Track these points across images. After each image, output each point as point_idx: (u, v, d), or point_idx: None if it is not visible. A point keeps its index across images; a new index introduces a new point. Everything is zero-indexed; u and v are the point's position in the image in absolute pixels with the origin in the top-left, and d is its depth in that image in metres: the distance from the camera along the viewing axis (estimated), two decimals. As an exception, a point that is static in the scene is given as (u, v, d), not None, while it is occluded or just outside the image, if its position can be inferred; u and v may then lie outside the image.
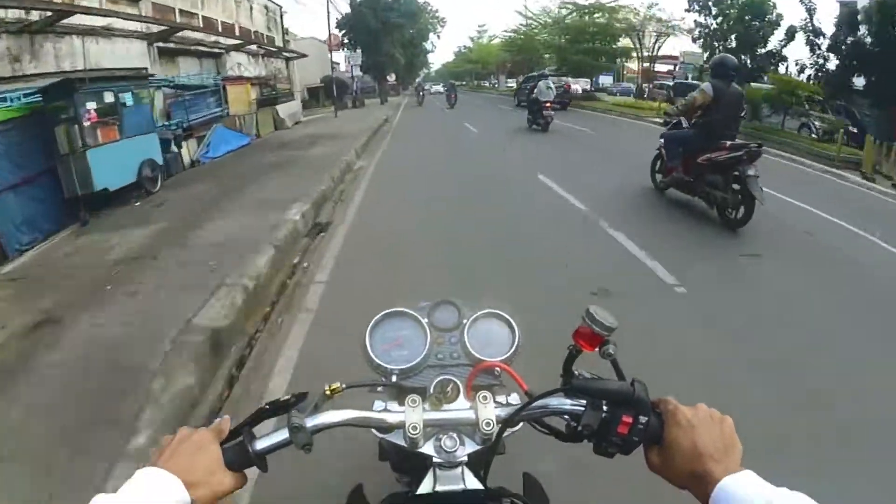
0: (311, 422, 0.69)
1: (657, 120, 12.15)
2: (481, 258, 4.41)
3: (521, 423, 0.78)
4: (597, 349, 0.75)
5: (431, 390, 0.81)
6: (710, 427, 0.64)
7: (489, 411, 0.72)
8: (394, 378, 0.89)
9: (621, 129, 14.69)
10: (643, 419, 0.67)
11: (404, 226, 5.51)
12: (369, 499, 0.89)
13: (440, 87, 50.58)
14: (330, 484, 1.31)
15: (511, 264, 4.29)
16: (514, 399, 0.79)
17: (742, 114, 5.57)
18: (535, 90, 13.50)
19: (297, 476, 1.83)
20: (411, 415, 0.72)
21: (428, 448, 0.75)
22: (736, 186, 4.73)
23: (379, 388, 0.89)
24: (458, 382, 0.82)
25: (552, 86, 13.74)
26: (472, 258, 4.40)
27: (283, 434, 0.69)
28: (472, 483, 0.75)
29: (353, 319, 1.12)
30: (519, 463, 1.02)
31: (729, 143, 4.94)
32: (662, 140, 5.96)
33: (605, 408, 0.69)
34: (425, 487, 0.75)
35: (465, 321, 0.97)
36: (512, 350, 0.92)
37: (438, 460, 0.75)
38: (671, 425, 0.66)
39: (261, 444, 0.69)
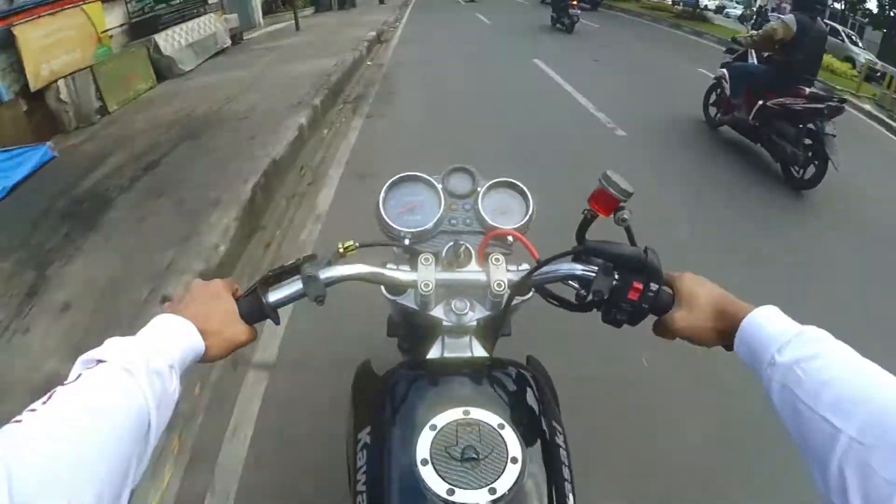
0: (324, 273, 0.70)
1: (717, 45, 10.71)
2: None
3: (531, 292, 0.80)
4: (611, 215, 0.75)
5: (444, 254, 0.81)
6: (712, 283, 0.68)
7: (501, 272, 0.73)
8: (406, 241, 0.89)
9: (669, 44, 12.55)
10: (654, 286, 0.67)
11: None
12: (377, 372, 0.90)
13: None
14: (338, 359, 1.39)
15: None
16: (525, 267, 0.79)
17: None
18: (562, -12, 11.92)
19: (306, 343, 2.11)
20: (424, 273, 0.74)
21: (438, 312, 0.77)
22: (808, 142, 4.10)
23: (393, 251, 0.90)
24: (471, 247, 0.83)
25: (579, -17, 12.11)
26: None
27: (297, 285, 0.69)
28: (479, 352, 0.78)
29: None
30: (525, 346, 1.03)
31: (808, 90, 4.25)
32: (725, 71, 5.12)
33: (616, 274, 0.69)
34: (433, 354, 0.77)
35: (479, 188, 0.97)
36: (525, 219, 0.93)
37: (448, 324, 0.76)
38: (682, 281, 0.69)
39: (274, 296, 0.69)
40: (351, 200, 3.58)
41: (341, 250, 0.78)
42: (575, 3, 11.77)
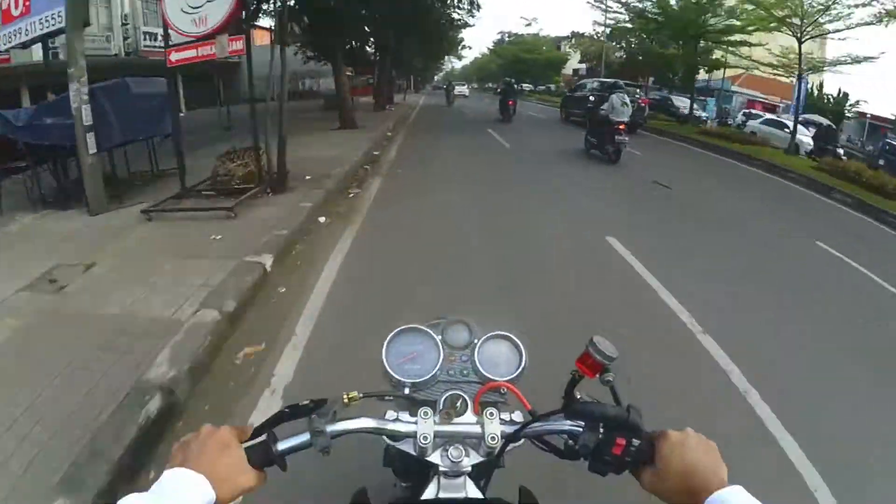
0: (331, 428, 0.75)
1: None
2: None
3: (522, 440, 0.82)
4: (597, 376, 0.78)
5: (442, 404, 0.86)
6: (698, 447, 0.70)
7: (495, 427, 0.79)
8: (406, 390, 0.92)
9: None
10: (636, 442, 0.72)
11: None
12: (372, 502, 0.92)
13: (464, 89, 40.28)
14: (335, 485, 1.33)
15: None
16: (518, 416, 0.85)
17: None
18: (606, 106, 9.54)
19: (303, 476, 1.66)
20: (423, 426, 0.79)
21: (435, 457, 0.81)
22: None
23: (390, 398, 0.93)
24: (467, 398, 0.86)
25: (628, 101, 9.66)
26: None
27: (305, 437, 0.74)
28: (473, 492, 0.81)
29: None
30: (516, 477, 0.98)
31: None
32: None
33: (601, 430, 0.74)
34: (429, 493, 0.81)
35: (476, 341, 1.00)
36: (518, 371, 0.96)
37: (444, 469, 0.80)
38: (663, 445, 0.71)
39: (283, 445, 0.73)
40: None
41: (346, 400, 0.83)
42: (623, 126, 8.98)
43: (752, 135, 15.43)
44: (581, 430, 0.76)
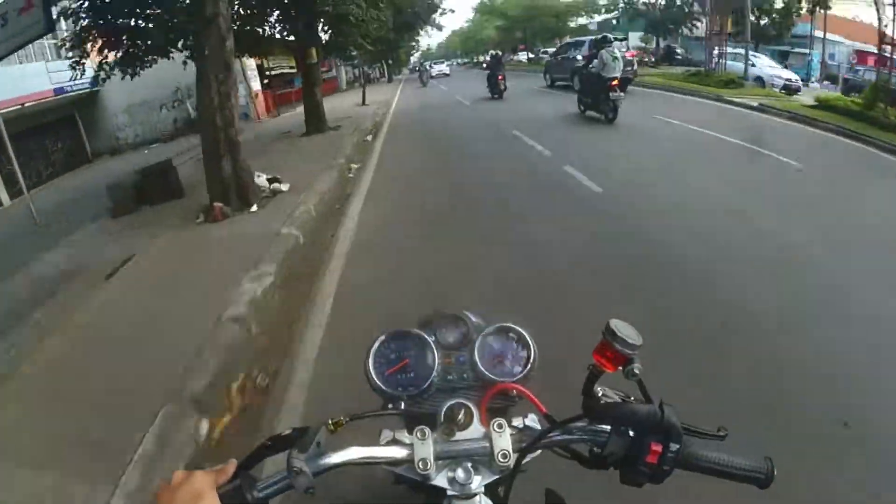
0: (312, 464, 0.65)
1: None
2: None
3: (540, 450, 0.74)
4: (619, 368, 0.67)
5: (442, 418, 0.75)
6: None
7: (505, 441, 0.69)
8: (402, 405, 0.84)
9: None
10: (674, 447, 0.62)
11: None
12: None
13: (444, 68, 37.45)
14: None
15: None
16: (532, 420, 0.75)
17: None
18: (596, 63, 9.31)
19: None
20: (420, 450, 0.69)
21: (441, 480, 0.71)
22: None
23: (382, 417, 0.84)
24: (472, 407, 0.76)
25: (618, 55, 9.38)
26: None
27: (284, 477, 0.65)
28: None
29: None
30: (543, 477, 0.84)
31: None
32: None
33: (631, 433, 0.64)
34: None
35: (474, 336, 0.89)
36: (527, 369, 0.85)
37: (452, 493, 0.71)
38: None
39: (261, 489, 0.65)
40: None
41: (331, 427, 0.73)
42: (616, 81, 8.77)
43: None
44: (607, 435, 0.66)
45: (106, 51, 7.30)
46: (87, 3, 6.68)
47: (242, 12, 10.09)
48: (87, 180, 11.15)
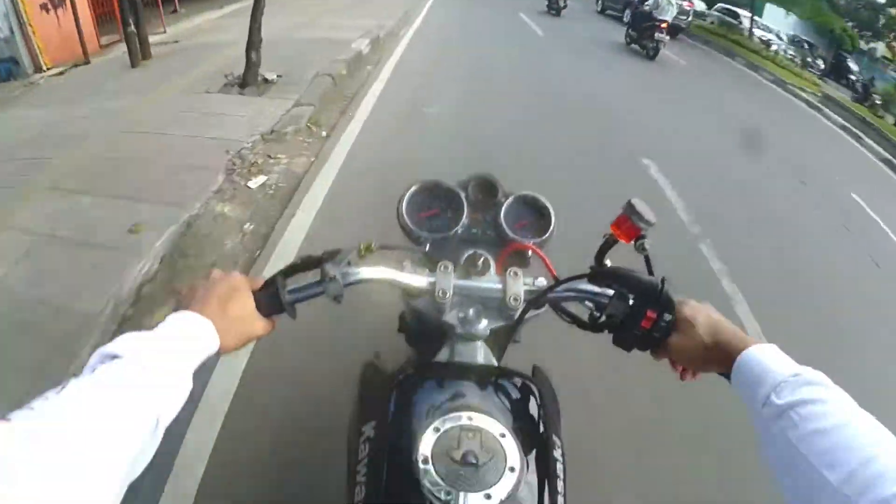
0: (343, 274, 0.69)
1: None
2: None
3: (545, 306, 0.78)
4: (632, 242, 0.73)
5: (462, 262, 0.81)
6: (719, 314, 0.68)
7: (518, 287, 0.74)
8: (427, 247, 0.90)
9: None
10: (667, 317, 0.67)
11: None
12: (385, 367, 0.90)
13: None
14: (347, 347, 1.40)
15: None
16: (542, 282, 0.79)
17: None
18: (651, 2, 10.26)
19: (315, 339, 1.85)
20: (442, 280, 0.74)
21: (451, 317, 0.77)
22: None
23: (408, 253, 0.90)
24: (490, 258, 0.81)
25: (674, 1, 10.18)
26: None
27: (316, 284, 0.69)
28: (488, 359, 0.80)
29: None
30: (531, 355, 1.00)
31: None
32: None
33: (630, 300, 0.68)
34: (442, 357, 0.80)
35: (502, 199, 0.96)
36: (546, 235, 0.94)
37: (460, 331, 0.77)
38: (684, 308, 0.68)
39: (293, 292, 0.69)
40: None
41: (361, 250, 0.78)
42: (665, 24, 9.75)
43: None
44: (608, 298, 0.70)
45: None
46: None
47: None
48: None
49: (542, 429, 0.72)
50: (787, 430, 0.51)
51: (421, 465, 0.59)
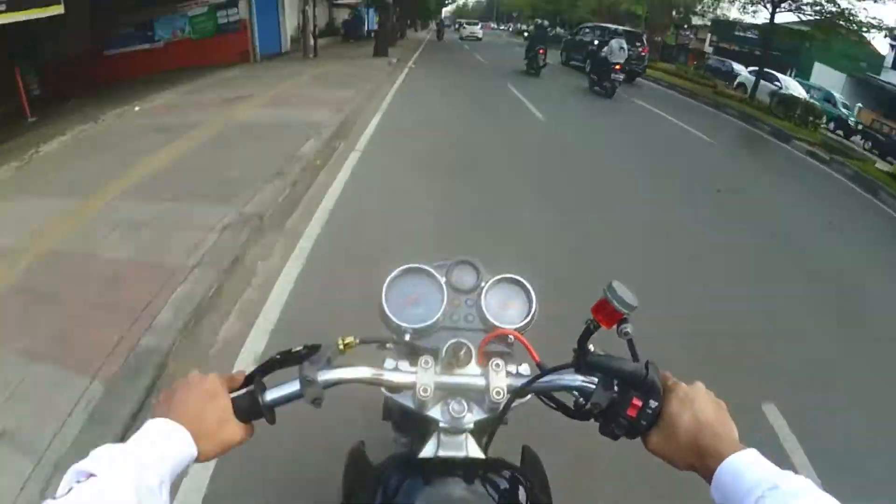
0: (322, 376, 0.68)
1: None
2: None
3: (529, 395, 0.76)
4: (614, 326, 0.72)
5: (444, 353, 0.77)
6: (708, 403, 0.64)
7: (500, 380, 0.72)
8: (407, 337, 0.87)
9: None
10: (653, 404, 0.65)
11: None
12: (370, 456, 0.89)
13: (477, 29, 33.69)
14: (332, 437, 1.29)
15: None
16: (525, 369, 0.78)
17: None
18: (606, 49, 11.68)
19: (298, 428, 1.63)
20: (423, 376, 0.72)
21: (435, 412, 0.75)
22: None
23: (390, 345, 0.88)
24: (471, 347, 0.77)
25: (625, 47, 11.77)
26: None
27: (294, 386, 0.67)
28: (475, 451, 0.77)
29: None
30: (520, 436, 0.97)
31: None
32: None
33: (615, 388, 0.67)
34: (428, 451, 0.77)
35: (483, 284, 0.94)
36: (527, 319, 0.91)
37: (444, 425, 0.75)
38: (671, 399, 0.65)
39: (271, 396, 0.67)
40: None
41: (341, 347, 0.77)
42: (619, 66, 11.25)
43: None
44: (594, 386, 0.68)
45: None
46: None
47: None
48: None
49: None
50: None
51: None
